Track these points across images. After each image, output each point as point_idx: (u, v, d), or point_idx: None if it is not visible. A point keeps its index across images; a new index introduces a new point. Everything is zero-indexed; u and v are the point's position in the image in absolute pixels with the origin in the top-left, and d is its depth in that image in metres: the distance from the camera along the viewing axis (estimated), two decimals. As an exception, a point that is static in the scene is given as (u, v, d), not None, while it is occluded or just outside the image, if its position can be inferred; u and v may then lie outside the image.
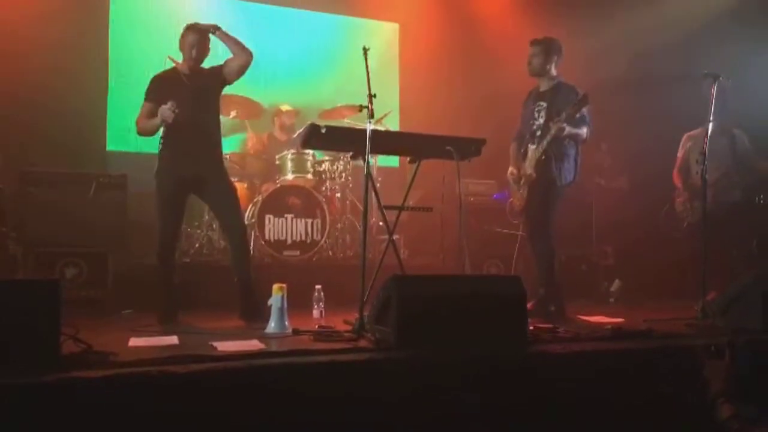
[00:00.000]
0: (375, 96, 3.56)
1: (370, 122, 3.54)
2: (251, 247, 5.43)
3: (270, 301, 3.66)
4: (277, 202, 5.41)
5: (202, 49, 4.14)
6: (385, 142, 3.70)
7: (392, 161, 6.95)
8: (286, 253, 5.38)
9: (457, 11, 7.44)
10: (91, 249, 4.71)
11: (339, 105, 6.11)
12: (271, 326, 3.60)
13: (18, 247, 4.72)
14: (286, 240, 5.41)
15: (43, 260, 4.60)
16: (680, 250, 5.33)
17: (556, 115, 4.26)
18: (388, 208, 3.87)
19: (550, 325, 3.60)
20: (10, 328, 2.45)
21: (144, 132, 4.22)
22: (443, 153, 3.82)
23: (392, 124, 6.83)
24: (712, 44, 5.78)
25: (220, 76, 4.18)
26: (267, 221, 5.36)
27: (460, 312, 3.11)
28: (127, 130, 6.34)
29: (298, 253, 5.41)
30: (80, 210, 4.76)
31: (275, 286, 3.66)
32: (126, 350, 2.96)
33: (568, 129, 4.20)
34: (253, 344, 3.13)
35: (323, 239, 5.48)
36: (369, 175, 3.58)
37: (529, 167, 4.42)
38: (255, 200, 5.58)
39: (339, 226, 5.81)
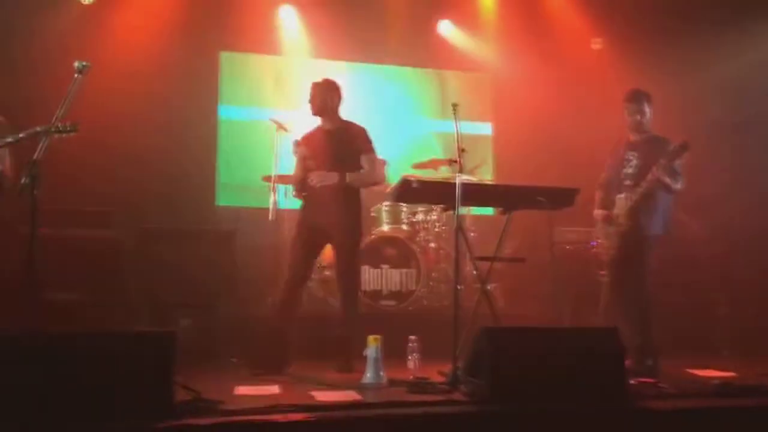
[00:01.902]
0: (464, 150, 3.66)
1: (459, 176, 3.62)
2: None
3: (365, 352, 3.76)
4: (373, 253, 5.55)
5: (321, 102, 4.44)
6: (475, 195, 3.76)
7: (488, 209, 6.96)
8: (382, 302, 5.49)
9: (550, 59, 7.44)
10: (202, 300, 5.01)
11: (432, 158, 6.24)
12: (367, 377, 3.68)
13: (137, 299, 5.11)
14: (382, 290, 5.52)
15: (160, 311, 4.93)
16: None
17: (651, 166, 4.19)
18: (479, 259, 3.92)
19: (653, 380, 3.47)
20: (129, 376, 2.66)
21: (294, 185, 4.58)
22: (535, 203, 3.84)
23: (487, 174, 6.89)
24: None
25: (360, 152, 4.46)
26: (363, 272, 5.50)
27: (555, 365, 3.09)
28: (235, 187, 6.86)
29: (393, 303, 5.50)
30: (192, 263, 5.07)
31: (370, 338, 3.76)
32: (232, 398, 3.14)
33: (663, 179, 4.13)
34: (350, 395, 3.23)
35: (418, 289, 5.55)
36: (460, 227, 3.65)
37: (620, 215, 4.32)
38: (353, 251, 5.74)
39: (434, 275, 5.87)
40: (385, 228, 5.83)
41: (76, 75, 3.40)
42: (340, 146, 4.42)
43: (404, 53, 7.40)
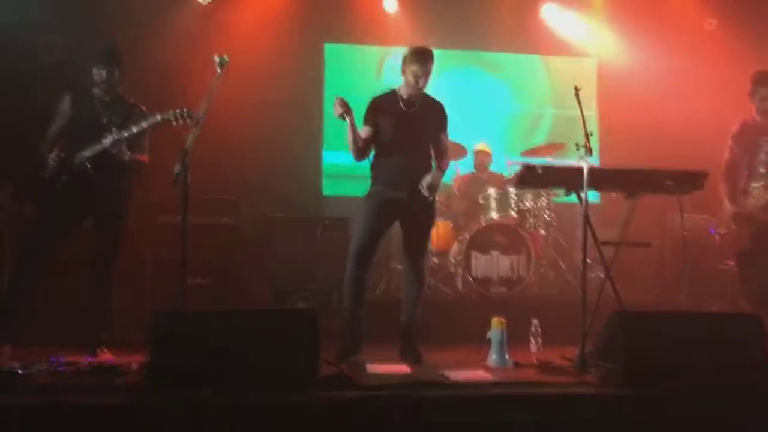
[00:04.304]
0: (591, 134, 3.62)
1: (587, 160, 3.60)
2: (458, 284, 5.67)
3: (489, 335, 3.80)
4: (484, 240, 5.57)
5: (427, 82, 3.98)
6: (601, 179, 3.71)
7: (593, 197, 6.79)
8: (492, 289, 5.50)
9: (658, 41, 7.20)
10: (317, 285, 5.20)
11: (542, 144, 6.19)
12: (493, 359, 3.72)
13: (254, 282, 5.36)
14: (492, 277, 5.54)
15: (278, 294, 5.15)
16: None
17: None
18: (605, 244, 3.86)
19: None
20: (280, 350, 2.81)
21: (352, 152, 4.06)
22: (662, 188, 3.76)
23: (592, 160, 6.74)
24: None
25: (438, 127, 4.11)
26: (474, 258, 5.54)
27: (691, 351, 3.03)
28: (340, 177, 7.02)
29: (504, 289, 5.51)
30: (308, 249, 5.29)
31: (495, 320, 3.80)
32: (366, 375, 3.25)
33: None
34: (482, 375, 3.28)
35: (528, 276, 5.54)
36: (586, 213, 3.63)
37: (760, 205, 4.16)
38: (461, 238, 5.79)
39: (543, 262, 5.84)
40: (494, 215, 5.83)
41: (218, 69, 3.58)
42: (423, 122, 4.03)
43: (507, 39, 7.33)
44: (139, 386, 2.74)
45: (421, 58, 3.93)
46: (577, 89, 3.91)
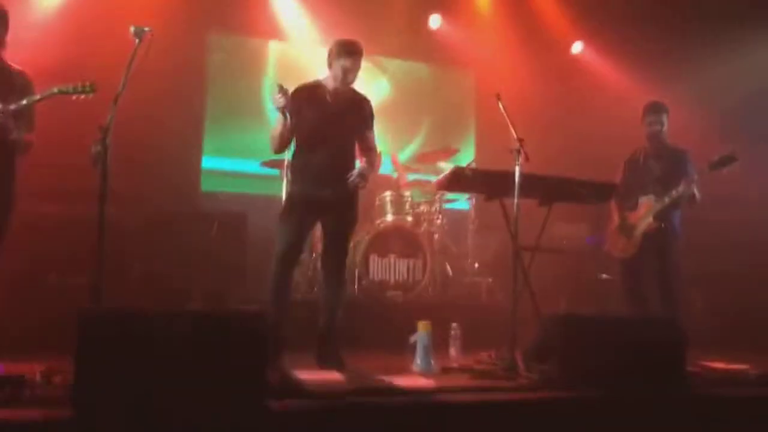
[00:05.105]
0: (523, 140, 3.70)
1: (518, 165, 3.67)
2: (355, 287, 5.55)
3: (414, 338, 3.73)
4: (381, 243, 5.51)
5: (356, 77, 3.85)
6: (527, 185, 3.77)
7: (462, 204, 6.87)
8: (389, 293, 5.46)
9: (534, 59, 7.58)
10: (212, 286, 4.82)
11: (433, 149, 6.28)
12: (418, 364, 3.65)
13: (141, 281, 4.85)
14: (389, 280, 5.49)
15: (167, 295, 4.71)
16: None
17: (677, 176, 4.45)
18: (526, 249, 3.96)
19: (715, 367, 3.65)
20: (226, 356, 2.52)
21: (274, 143, 3.86)
22: (577, 197, 3.94)
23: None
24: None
25: (364, 123, 4.00)
26: (371, 261, 5.46)
27: (619, 352, 3.18)
28: (220, 175, 6.61)
29: (400, 293, 5.48)
30: (202, 248, 4.89)
31: (421, 323, 3.73)
32: (309, 383, 3.02)
33: (697, 194, 4.42)
34: (423, 381, 3.20)
35: (424, 279, 5.56)
36: (516, 218, 3.70)
37: (647, 216, 4.51)
38: (357, 241, 5.68)
39: (436, 267, 5.89)
40: (389, 218, 5.79)
41: (136, 41, 3.20)
42: (349, 117, 3.88)
43: (396, 44, 7.35)
44: (62, 399, 2.32)
45: (351, 52, 3.77)
46: (498, 96, 3.99)
